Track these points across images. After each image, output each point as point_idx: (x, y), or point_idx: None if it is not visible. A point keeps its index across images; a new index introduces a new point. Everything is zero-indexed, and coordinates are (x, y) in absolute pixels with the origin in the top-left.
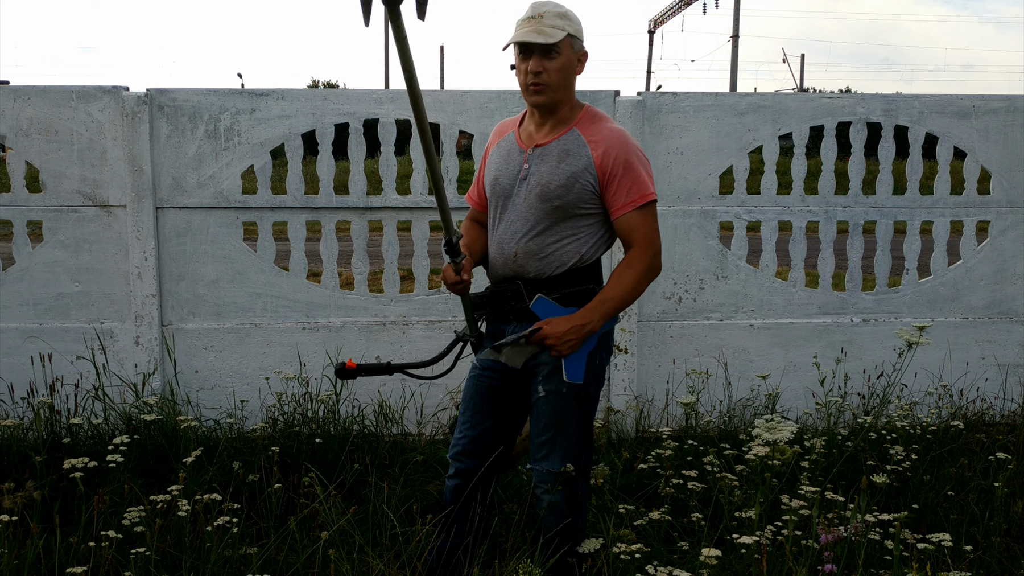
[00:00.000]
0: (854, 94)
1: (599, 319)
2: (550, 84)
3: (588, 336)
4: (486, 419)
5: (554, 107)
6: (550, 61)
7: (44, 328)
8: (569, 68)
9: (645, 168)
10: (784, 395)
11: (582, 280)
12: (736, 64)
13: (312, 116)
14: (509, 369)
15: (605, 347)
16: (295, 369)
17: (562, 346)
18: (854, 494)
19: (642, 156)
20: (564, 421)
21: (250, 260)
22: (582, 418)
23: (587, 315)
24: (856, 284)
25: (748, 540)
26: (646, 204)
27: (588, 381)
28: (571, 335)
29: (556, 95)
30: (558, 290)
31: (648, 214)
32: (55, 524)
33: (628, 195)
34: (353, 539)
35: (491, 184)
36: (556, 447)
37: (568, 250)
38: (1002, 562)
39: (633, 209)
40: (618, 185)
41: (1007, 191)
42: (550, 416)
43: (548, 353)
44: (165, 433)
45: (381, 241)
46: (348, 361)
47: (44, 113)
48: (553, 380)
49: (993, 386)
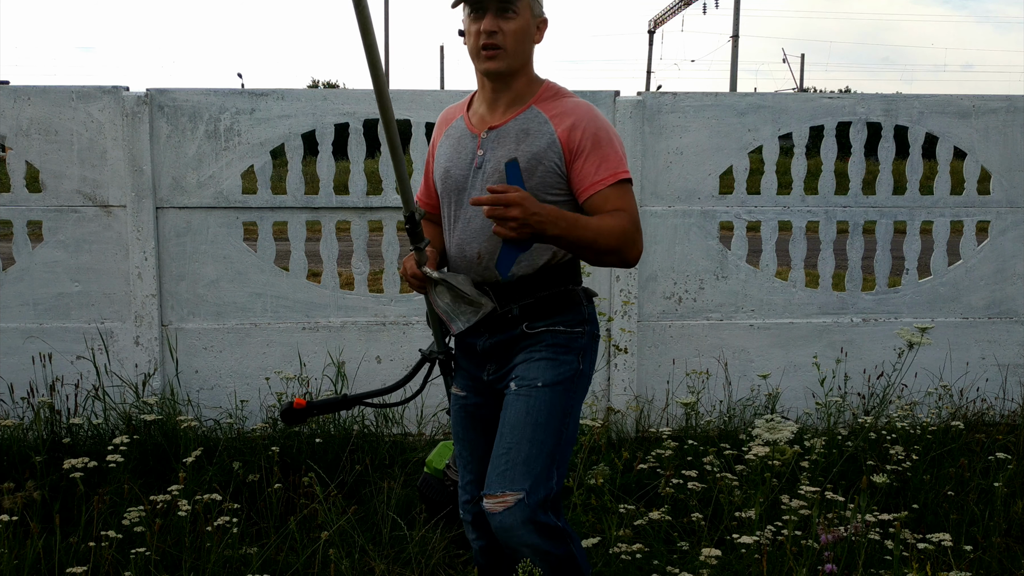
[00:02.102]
0: (854, 94)
1: (565, 232)
2: (506, 47)
3: (545, 238)
4: (486, 456)
5: (509, 77)
6: (506, 22)
7: (44, 328)
8: (527, 32)
9: (618, 144)
10: (784, 395)
11: (559, 280)
12: (736, 64)
13: (312, 116)
14: (492, 388)
15: (591, 352)
16: (295, 369)
17: (521, 226)
18: (854, 494)
19: (612, 131)
20: (535, 424)
21: (250, 260)
22: (558, 427)
23: (560, 215)
24: (856, 284)
25: (748, 540)
26: (620, 182)
27: (572, 382)
28: (538, 219)
29: (513, 62)
30: (532, 293)
31: (624, 191)
32: (55, 524)
33: (598, 172)
34: (353, 539)
35: (442, 178)
36: (518, 461)
37: (538, 246)
38: (1002, 562)
39: (605, 188)
40: (585, 161)
41: (1007, 191)
42: (518, 413)
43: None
44: (165, 433)
45: (381, 241)
46: (296, 399)
47: (44, 113)
48: (529, 373)
49: (993, 386)
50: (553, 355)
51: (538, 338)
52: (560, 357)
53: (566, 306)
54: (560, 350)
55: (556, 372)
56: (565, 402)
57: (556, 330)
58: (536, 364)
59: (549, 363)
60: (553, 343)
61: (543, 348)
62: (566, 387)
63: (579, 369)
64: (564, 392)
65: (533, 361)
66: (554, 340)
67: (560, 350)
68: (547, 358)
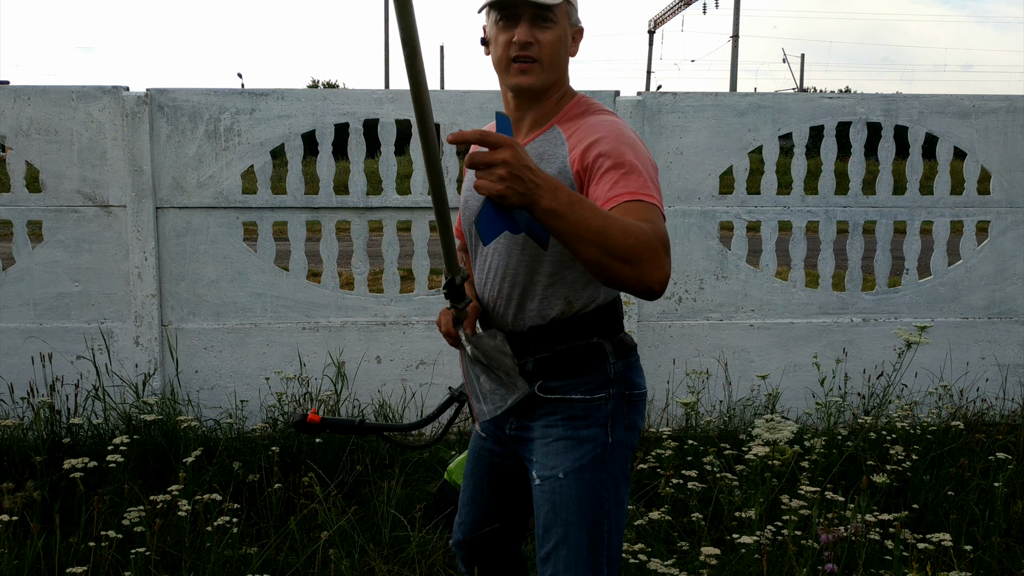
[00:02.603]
0: (854, 94)
1: (564, 209)
2: (541, 60)
3: (536, 210)
4: (484, 504)
5: (540, 94)
6: (543, 31)
7: (44, 328)
8: (564, 43)
9: (647, 168)
10: (784, 395)
11: (581, 332)
12: (736, 64)
13: (312, 116)
14: (513, 441)
15: (622, 415)
16: (295, 369)
17: (511, 179)
18: (854, 494)
19: (643, 154)
20: (567, 522)
21: (250, 260)
22: (595, 519)
23: (562, 186)
24: (856, 284)
25: (748, 540)
26: (642, 201)
27: (601, 460)
28: (532, 176)
29: (548, 77)
30: (549, 346)
31: (650, 209)
32: (55, 524)
33: (613, 189)
34: (353, 539)
35: (462, 208)
36: (559, 569)
37: (551, 295)
38: (1002, 562)
39: (622, 202)
40: (599, 181)
41: (1007, 191)
42: (548, 514)
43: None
44: (165, 433)
45: (381, 241)
46: (311, 412)
47: (44, 113)
48: (548, 460)
49: (993, 386)
50: (572, 432)
51: (553, 407)
52: (580, 433)
53: (586, 365)
54: (579, 424)
55: (577, 455)
56: (596, 488)
57: (572, 399)
58: (554, 447)
59: (567, 444)
60: (570, 415)
61: (559, 424)
62: (594, 470)
63: (607, 443)
64: (593, 477)
65: (550, 442)
66: (570, 412)
67: (579, 424)
68: (565, 437)
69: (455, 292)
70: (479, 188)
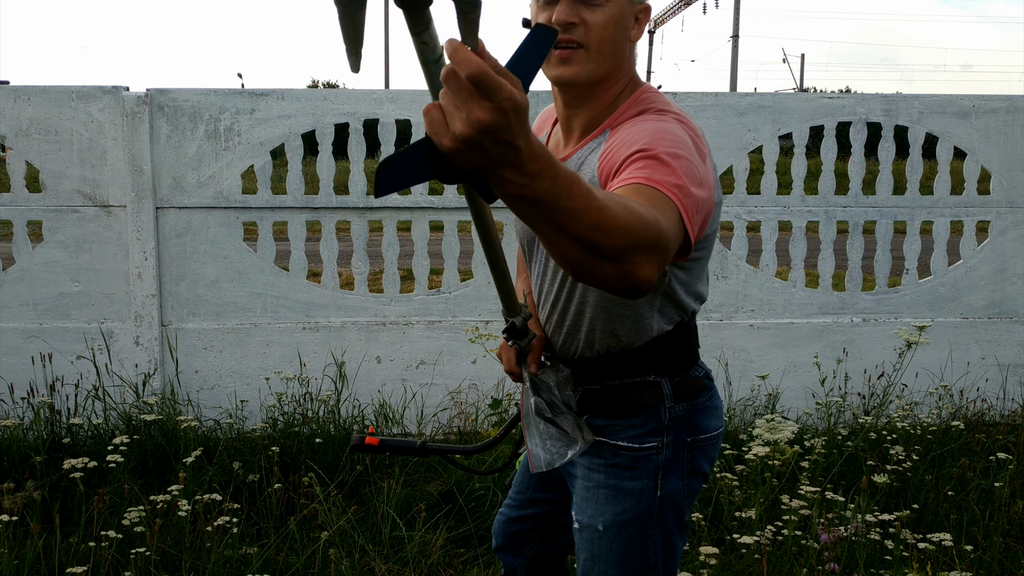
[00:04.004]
0: (854, 94)
1: (548, 182)
2: (588, 46)
3: (510, 166)
4: (529, 505)
5: (589, 89)
6: (591, 10)
7: (44, 328)
8: (621, 26)
9: (686, 167)
10: (784, 395)
11: (631, 369)
12: (736, 64)
13: (312, 116)
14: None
15: (679, 463)
16: (295, 369)
17: (461, 144)
18: (854, 494)
19: (688, 150)
20: (606, 575)
21: (250, 260)
22: (639, 573)
23: (545, 151)
24: (856, 284)
25: (748, 540)
26: (666, 196)
27: (647, 514)
28: (499, 153)
29: (596, 67)
30: (598, 380)
31: (670, 206)
32: (55, 524)
33: (635, 173)
34: (353, 539)
35: (515, 219)
36: None
37: (595, 327)
38: (1002, 562)
39: (637, 184)
40: (624, 171)
41: (1007, 191)
42: (587, 561)
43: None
44: (165, 433)
45: (381, 241)
46: (369, 432)
47: (44, 113)
48: (588, 506)
49: (993, 386)
50: (615, 482)
51: (597, 449)
52: (624, 485)
53: (636, 406)
54: (624, 474)
55: (620, 508)
56: (641, 543)
57: (617, 446)
58: (595, 494)
59: (610, 494)
60: (615, 463)
61: (602, 469)
62: (638, 525)
63: (655, 496)
64: (637, 532)
65: (591, 488)
66: (615, 459)
67: (624, 474)
68: (607, 485)
69: (517, 333)
70: (430, 123)
